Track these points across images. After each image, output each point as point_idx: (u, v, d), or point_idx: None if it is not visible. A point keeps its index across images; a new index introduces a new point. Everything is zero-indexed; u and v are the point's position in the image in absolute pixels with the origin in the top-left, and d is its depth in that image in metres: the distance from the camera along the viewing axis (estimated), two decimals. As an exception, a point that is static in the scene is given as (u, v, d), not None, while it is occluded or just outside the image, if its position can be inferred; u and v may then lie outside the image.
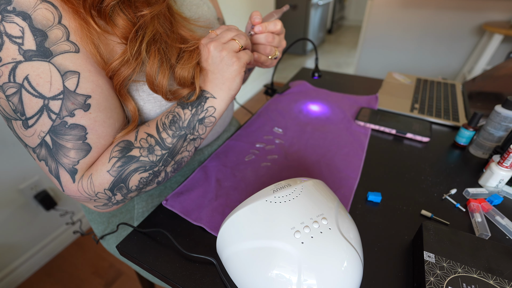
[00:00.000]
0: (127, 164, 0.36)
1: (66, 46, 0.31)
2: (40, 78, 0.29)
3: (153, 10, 0.34)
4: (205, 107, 0.39)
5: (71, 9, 0.31)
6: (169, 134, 0.38)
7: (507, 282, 0.29)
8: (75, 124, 0.32)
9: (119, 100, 0.38)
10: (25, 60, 0.29)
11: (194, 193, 0.47)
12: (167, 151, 0.38)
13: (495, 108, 0.51)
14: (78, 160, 0.34)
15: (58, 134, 0.32)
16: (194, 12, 0.47)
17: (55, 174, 0.34)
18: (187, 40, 0.40)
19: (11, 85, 0.29)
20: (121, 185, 0.36)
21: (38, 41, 0.29)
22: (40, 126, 0.31)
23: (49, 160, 0.33)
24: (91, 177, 0.35)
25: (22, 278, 1.07)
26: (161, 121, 0.38)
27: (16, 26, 0.28)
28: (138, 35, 0.34)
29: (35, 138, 0.32)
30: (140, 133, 0.38)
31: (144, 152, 0.37)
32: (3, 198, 0.95)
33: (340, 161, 0.54)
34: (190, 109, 0.39)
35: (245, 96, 2.36)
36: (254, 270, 0.28)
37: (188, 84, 0.40)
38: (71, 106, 0.31)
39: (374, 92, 0.83)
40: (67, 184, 0.34)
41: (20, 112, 0.30)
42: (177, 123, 0.38)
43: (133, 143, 0.37)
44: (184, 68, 0.38)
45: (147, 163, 0.37)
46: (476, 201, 0.44)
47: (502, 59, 1.85)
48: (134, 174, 0.36)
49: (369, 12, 2.20)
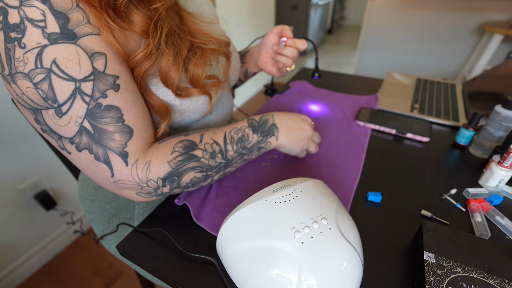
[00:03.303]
0: (188, 160, 0.38)
1: (88, 28, 0.30)
2: (69, 60, 0.28)
3: (165, 2, 0.34)
4: (268, 140, 0.45)
5: (87, 4, 0.30)
6: (233, 148, 0.42)
7: (507, 282, 0.29)
8: (110, 105, 0.32)
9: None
10: (50, 43, 0.28)
11: (194, 193, 0.47)
12: (225, 162, 0.42)
13: (495, 108, 0.51)
14: (126, 143, 0.33)
15: (96, 117, 0.31)
16: (196, 9, 0.48)
17: (104, 159, 0.33)
18: (196, 34, 0.41)
19: (39, 71, 0.28)
20: (175, 178, 0.37)
21: (61, 24, 0.28)
22: (76, 111, 0.30)
23: (94, 147, 0.32)
24: (149, 163, 0.35)
25: (22, 278, 1.07)
26: (230, 135, 0.42)
27: (37, 10, 0.27)
28: (158, 27, 0.34)
29: (72, 126, 0.30)
30: (205, 137, 0.40)
31: (206, 155, 0.39)
32: (3, 198, 0.95)
33: (340, 161, 0.54)
34: (258, 135, 0.44)
35: (245, 96, 2.36)
36: (254, 270, 0.28)
37: (200, 84, 0.41)
38: (102, 87, 0.31)
39: (374, 92, 0.83)
40: (120, 168, 0.33)
41: (52, 99, 0.29)
42: (243, 142, 0.43)
43: (198, 145, 0.39)
44: (198, 64, 0.40)
45: (206, 165, 0.39)
46: (476, 201, 0.44)
47: (502, 59, 1.85)
48: (190, 172, 0.38)
49: (369, 12, 2.20)
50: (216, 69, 0.47)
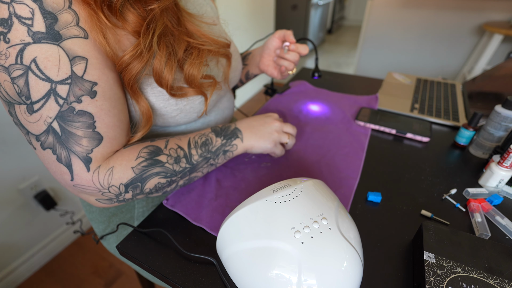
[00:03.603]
0: (152, 166, 0.37)
1: (75, 31, 0.30)
2: (49, 61, 0.29)
3: (161, 4, 0.34)
4: (233, 142, 0.46)
5: (82, 1, 0.31)
6: (197, 152, 0.42)
7: (507, 282, 0.29)
8: (83, 111, 0.32)
9: (123, 92, 0.38)
10: (33, 42, 0.28)
11: (194, 193, 0.47)
12: (190, 166, 0.42)
13: (495, 108, 0.51)
14: (92, 149, 0.33)
15: (66, 120, 0.31)
16: (198, 10, 0.48)
17: (65, 162, 0.33)
18: (194, 35, 0.41)
19: (18, 66, 0.28)
20: (138, 184, 0.37)
21: (48, 24, 0.28)
22: (47, 111, 0.30)
23: (58, 148, 0.32)
24: (112, 169, 0.35)
25: (22, 278, 1.07)
26: (194, 139, 0.43)
27: (26, 7, 0.27)
28: (150, 28, 0.34)
29: (41, 124, 0.31)
30: (170, 143, 0.40)
31: (171, 160, 0.39)
32: (3, 198, 0.95)
33: (340, 161, 0.54)
34: (222, 139, 0.45)
35: (245, 96, 2.36)
36: (254, 270, 0.28)
37: (196, 85, 0.41)
38: (78, 91, 0.31)
39: (374, 92, 0.83)
40: (80, 173, 0.33)
41: (25, 96, 0.29)
42: (207, 146, 0.43)
43: (162, 150, 0.39)
44: (194, 64, 0.40)
45: (170, 170, 0.39)
46: (476, 201, 0.44)
47: (502, 59, 1.85)
48: (154, 177, 0.38)
49: (369, 12, 2.20)
50: (216, 70, 0.47)
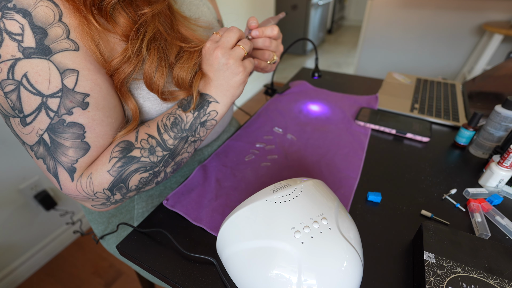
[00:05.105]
0: (128, 164, 0.36)
1: (66, 44, 0.31)
2: (39, 75, 0.29)
3: (154, 8, 0.34)
4: (208, 111, 0.40)
5: (72, 7, 0.31)
6: (170, 135, 0.38)
7: (507, 282, 0.29)
8: (73, 122, 0.32)
9: (119, 99, 0.38)
10: (24, 57, 0.29)
11: (194, 193, 0.47)
12: (168, 152, 0.39)
13: (495, 108, 0.51)
14: (77, 159, 0.34)
15: (56, 132, 0.32)
16: (194, 12, 0.47)
17: (53, 172, 0.34)
18: (188, 39, 0.40)
19: (10, 82, 0.29)
20: (121, 185, 0.36)
21: (38, 39, 0.29)
22: (38, 124, 0.31)
23: (47, 158, 0.33)
24: (90, 176, 0.34)
25: (22, 278, 1.07)
26: (162, 123, 0.38)
27: (16, 23, 0.28)
28: (139, 33, 0.34)
29: (33, 136, 0.32)
30: (140, 133, 0.38)
31: (145, 153, 0.37)
32: (3, 198, 0.95)
33: (340, 161, 0.54)
34: (192, 112, 0.39)
35: (245, 96, 2.36)
36: (254, 270, 0.28)
37: (186, 87, 0.39)
38: (69, 104, 0.31)
39: (374, 92, 0.83)
40: (65, 183, 0.34)
41: (18, 110, 0.30)
42: (179, 125, 0.39)
43: (134, 144, 0.37)
44: (183, 68, 0.38)
45: (148, 163, 0.37)
46: (476, 201, 0.44)
47: (502, 59, 1.85)
48: (135, 175, 0.37)
49: (369, 12, 2.20)
50: None
